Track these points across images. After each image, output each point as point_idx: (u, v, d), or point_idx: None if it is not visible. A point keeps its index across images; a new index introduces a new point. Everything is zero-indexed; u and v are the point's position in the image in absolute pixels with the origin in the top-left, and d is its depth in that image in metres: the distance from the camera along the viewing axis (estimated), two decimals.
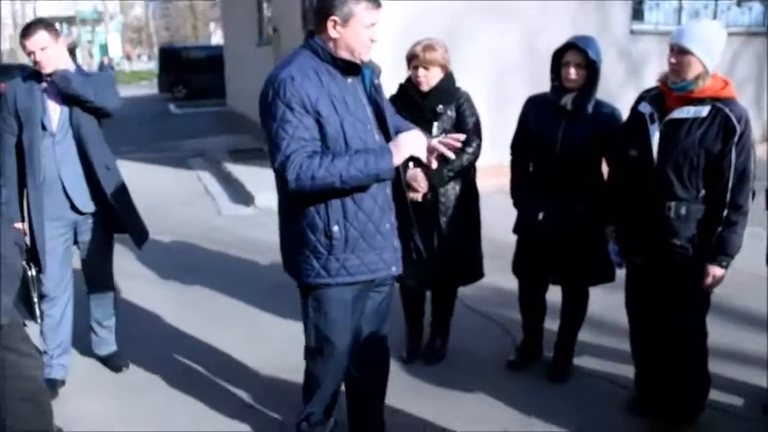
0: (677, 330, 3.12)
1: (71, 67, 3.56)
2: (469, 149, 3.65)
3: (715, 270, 2.98)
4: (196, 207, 7.91)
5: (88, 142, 3.53)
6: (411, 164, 3.32)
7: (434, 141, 2.69)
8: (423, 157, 2.63)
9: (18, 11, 47.73)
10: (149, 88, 30.10)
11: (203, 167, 10.33)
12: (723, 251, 2.96)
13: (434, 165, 2.74)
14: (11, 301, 2.58)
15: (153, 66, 41.50)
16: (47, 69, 3.48)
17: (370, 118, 2.64)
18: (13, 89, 3.53)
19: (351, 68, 2.59)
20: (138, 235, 3.79)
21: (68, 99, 3.49)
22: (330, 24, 2.51)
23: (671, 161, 2.98)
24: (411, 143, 2.57)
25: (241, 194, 8.23)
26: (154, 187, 8.77)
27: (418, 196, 3.61)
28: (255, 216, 7.39)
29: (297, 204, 2.59)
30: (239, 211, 7.69)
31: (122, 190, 3.70)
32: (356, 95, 2.60)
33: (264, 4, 12.62)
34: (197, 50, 26.24)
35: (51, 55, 3.46)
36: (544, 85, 3.57)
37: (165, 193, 8.61)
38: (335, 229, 2.57)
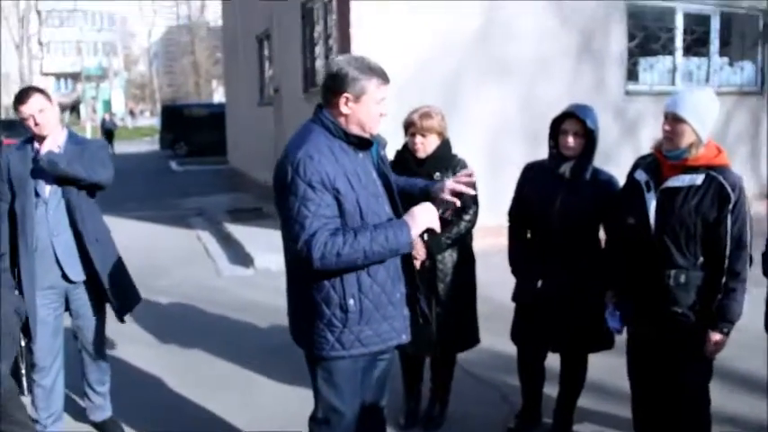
0: (680, 399, 3.10)
1: (63, 134, 3.60)
2: (466, 217, 3.68)
3: (716, 336, 2.99)
4: (196, 267, 7.92)
5: (79, 213, 3.54)
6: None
7: (449, 182, 2.80)
8: (437, 228, 2.64)
9: (25, 66, 48.51)
10: (151, 144, 30.42)
11: (203, 227, 10.38)
12: (724, 318, 2.97)
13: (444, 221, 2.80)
14: (8, 367, 2.57)
15: (156, 122, 42.00)
16: (45, 132, 3.51)
17: (381, 191, 2.68)
18: (6, 156, 3.55)
19: (362, 143, 2.64)
20: (123, 305, 3.74)
21: (58, 179, 3.50)
22: (342, 101, 2.56)
23: (668, 229, 3.01)
24: (425, 216, 2.59)
25: (240, 255, 8.24)
26: (154, 247, 8.79)
27: (416, 263, 3.62)
28: (254, 278, 7.39)
29: (311, 277, 2.58)
30: (238, 273, 7.69)
31: (110, 261, 3.68)
32: (367, 170, 2.65)
33: (266, 65, 12.87)
34: (199, 108, 26.68)
35: (50, 117, 3.51)
36: (541, 146, 3.62)
37: (166, 252, 8.62)
38: (351, 302, 2.57)
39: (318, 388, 2.71)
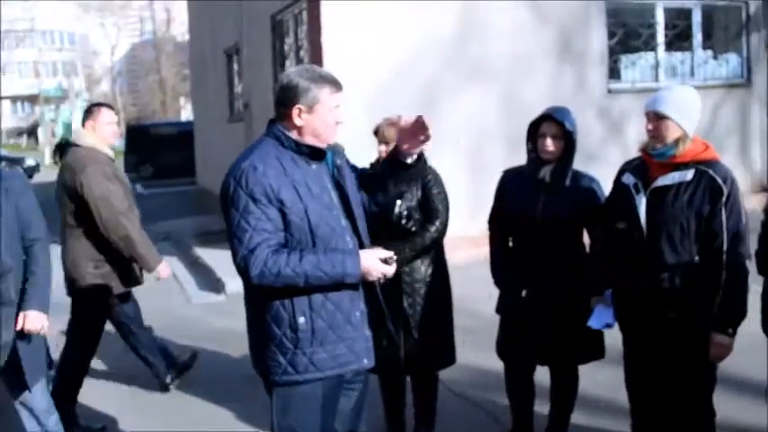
0: (683, 411, 3.07)
1: None
2: (432, 227, 3.69)
3: (721, 339, 2.96)
4: (164, 295, 7.75)
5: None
6: None
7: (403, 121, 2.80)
8: (389, 272, 2.66)
9: None
10: None
11: (171, 252, 10.27)
12: (727, 318, 2.94)
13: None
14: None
15: (120, 144, 41.73)
16: None
17: (336, 203, 2.68)
18: None
19: (315, 154, 2.66)
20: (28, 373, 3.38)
21: None
22: (295, 113, 2.60)
23: (661, 229, 3.02)
24: (376, 266, 2.60)
25: (211, 281, 8.15)
26: None
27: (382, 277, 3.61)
28: (226, 304, 7.30)
29: (261, 296, 2.59)
30: (209, 299, 7.61)
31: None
32: (321, 181, 2.66)
33: (235, 80, 12.86)
34: (165, 127, 26.62)
35: None
36: (523, 150, 3.61)
37: None
38: (301, 320, 2.56)
39: (273, 417, 2.67)
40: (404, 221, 3.68)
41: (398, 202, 3.66)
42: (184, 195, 17.06)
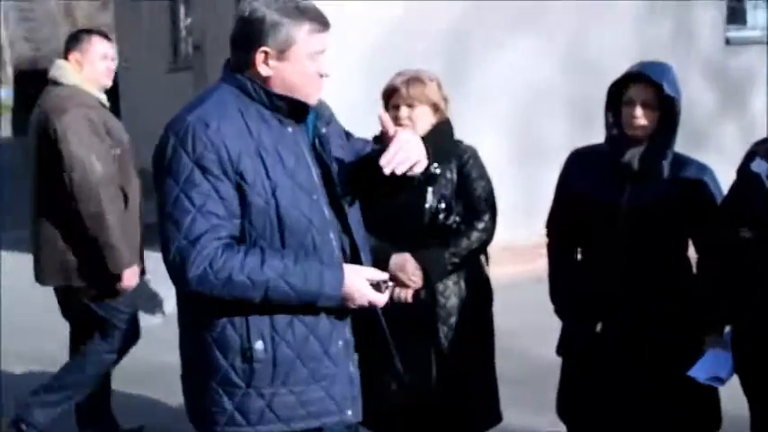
0: None
1: None
2: (480, 225, 3.81)
3: None
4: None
5: None
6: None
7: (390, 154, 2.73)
8: (379, 302, 2.70)
9: None
10: (2, 129, 30.18)
11: None
12: None
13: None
14: None
15: (6, 95, 41.73)
16: None
17: (317, 184, 2.74)
18: None
19: (294, 111, 2.72)
20: None
21: None
22: (259, 58, 2.64)
23: None
24: (362, 291, 2.66)
25: (145, 297, 8.19)
26: (19, 290, 8.67)
27: (408, 294, 3.70)
28: (166, 329, 7.30)
29: (200, 308, 2.64)
30: (143, 322, 7.65)
31: None
32: (298, 151, 2.71)
33: (181, 11, 12.87)
34: None
35: None
36: (595, 125, 3.68)
37: (35, 299, 8.52)
38: (258, 346, 2.60)
39: None
40: (441, 216, 3.79)
41: (430, 189, 3.76)
42: None
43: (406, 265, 3.72)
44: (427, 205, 3.75)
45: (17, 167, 20.30)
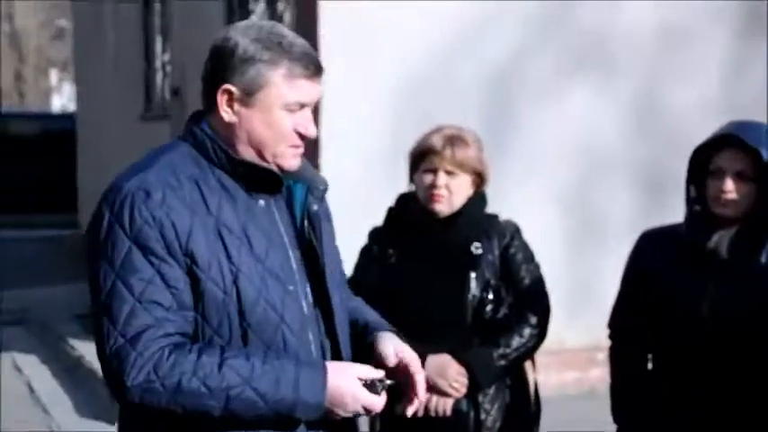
0: None
1: None
2: (533, 319, 3.89)
3: None
4: (11, 426, 7.82)
5: None
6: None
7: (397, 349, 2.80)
8: (376, 407, 2.65)
9: None
10: None
11: (26, 347, 10.42)
12: None
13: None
14: None
15: None
16: None
17: (296, 271, 2.70)
18: None
19: (263, 180, 2.67)
20: None
21: None
22: (222, 98, 2.62)
23: None
24: (354, 392, 2.61)
25: (96, 399, 8.18)
26: None
27: (447, 405, 3.68)
28: None
29: (138, 423, 2.62)
30: None
31: None
32: (272, 230, 2.68)
33: (157, 44, 12.99)
34: (20, 121, 26.73)
35: None
36: (672, 195, 3.64)
37: None
38: None
39: None
40: (488, 308, 3.76)
41: (473, 275, 3.78)
42: (55, 245, 17.22)
43: (448, 368, 3.74)
44: (470, 295, 3.77)
45: None
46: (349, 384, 2.59)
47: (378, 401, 2.62)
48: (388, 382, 2.69)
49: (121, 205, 2.51)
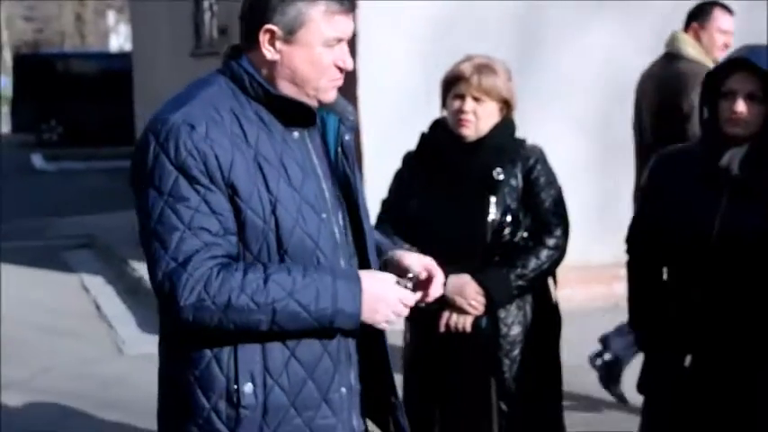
0: None
1: None
2: (550, 241, 3.85)
3: None
4: (80, 340, 7.97)
5: None
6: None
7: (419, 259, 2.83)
8: (403, 309, 2.69)
9: None
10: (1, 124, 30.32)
11: (93, 268, 10.48)
12: None
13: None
14: None
15: (3, 84, 42.18)
16: None
17: (329, 201, 2.71)
18: None
19: (299, 115, 2.68)
20: None
21: None
22: (264, 38, 2.60)
23: None
24: (389, 298, 2.64)
25: (157, 316, 8.26)
26: (7, 307, 8.83)
27: (467, 322, 3.74)
28: None
29: (183, 341, 2.61)
30: (153, 347, 7.72)
31: None
32: (306, 161, 2.68)
33: None
34: (82, 60, 26.56)
35: None
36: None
37: (25, 315, 8.66)
38: (247, 389, 2.56)
39: None
40: (506, 231, 3.83)
41: (493, 200, 3.79)
42: (115, 176, 16.98)
43: (466, 288, 3.75)
44: (490, 218, 3.78)
45: (16, 169, 20.41)
46: (383, 287, 2.62)
47: (410, 295, 2.67)
48: (414, 278, 2.72)
49: (167, 136, 2.50)
